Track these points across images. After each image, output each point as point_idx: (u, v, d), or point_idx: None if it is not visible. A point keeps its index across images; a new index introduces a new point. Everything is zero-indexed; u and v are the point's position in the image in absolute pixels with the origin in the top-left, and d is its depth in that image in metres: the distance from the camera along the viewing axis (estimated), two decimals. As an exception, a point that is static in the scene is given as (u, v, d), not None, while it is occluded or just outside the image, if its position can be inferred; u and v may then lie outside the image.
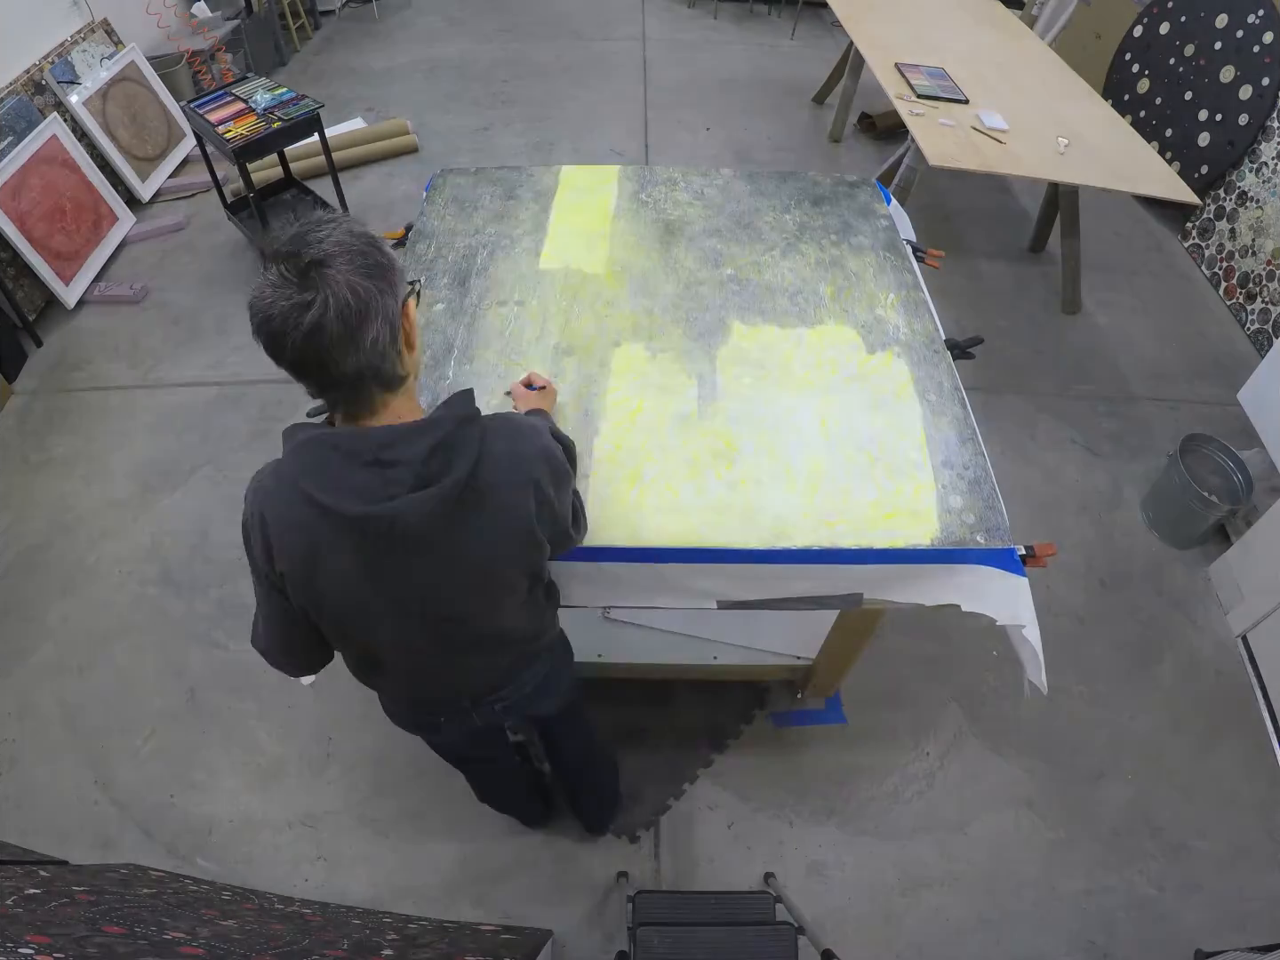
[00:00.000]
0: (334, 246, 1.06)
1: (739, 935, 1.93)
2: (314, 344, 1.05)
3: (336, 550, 1.20)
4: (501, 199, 2.62)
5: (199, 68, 5.59)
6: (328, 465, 1.15)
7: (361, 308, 1.06)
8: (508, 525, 1.27)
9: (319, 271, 1.04)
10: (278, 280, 1.04)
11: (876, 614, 2.19)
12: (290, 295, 1.03)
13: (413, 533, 1.17)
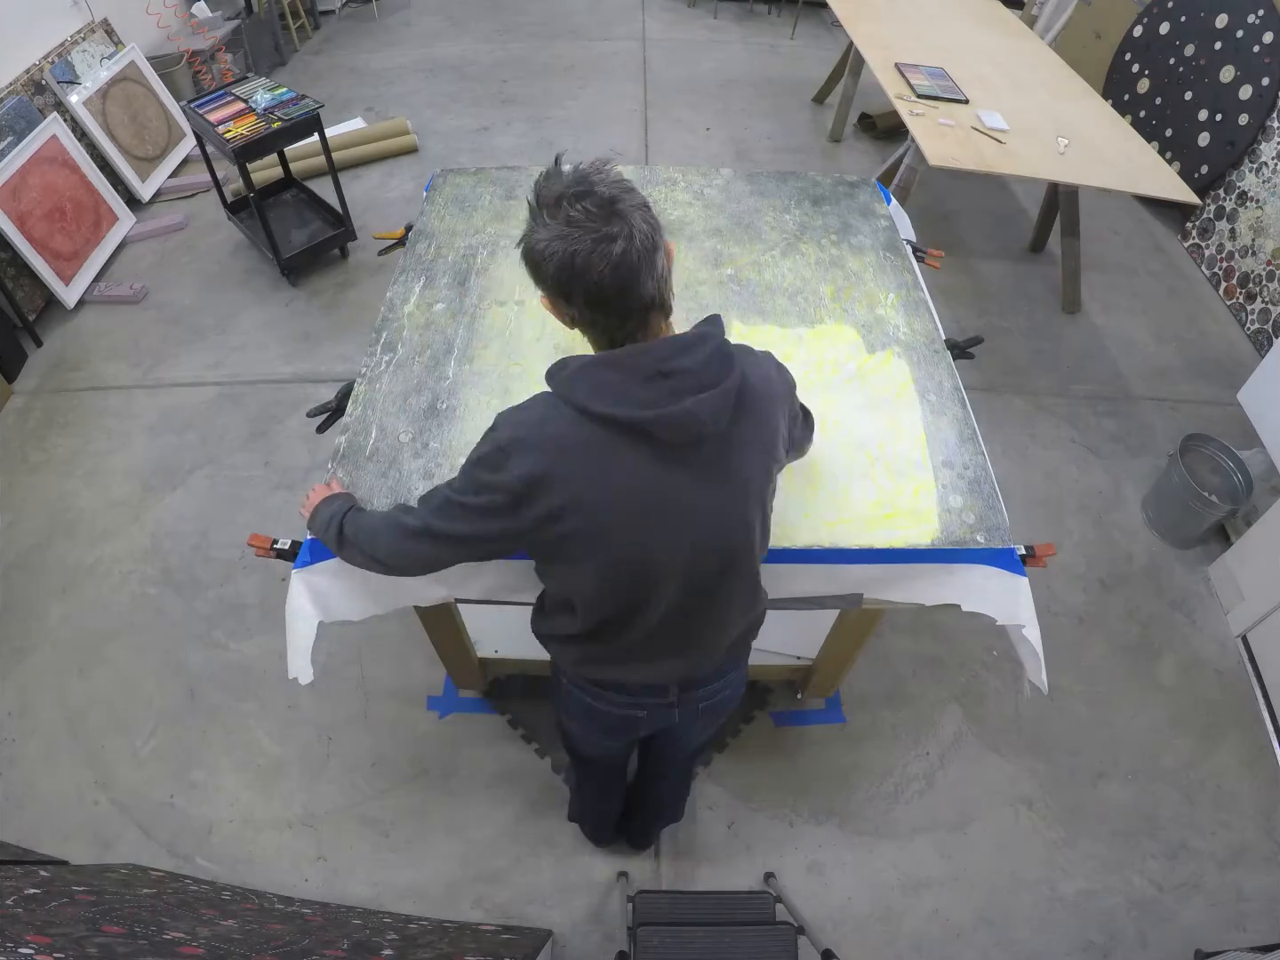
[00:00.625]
0: (615, 187, 1.13)
1: (739, 935, 1.93)
2: (618, 278, 1.13)
3: (627, 465, 1.22)
4: (501, 199, 2.62)
5: (199, 68, 5.59)
6: (613, 384, 1.19)
7: (655, 236, 1.16)
8: (766, 436, 1.33)
9: (620, 205, 1.12)
10: (581, 216, 1.10)
11: (876, 614, 2.19)
12: (597, 229, 1.10)
13: (703, 433, 1.21)
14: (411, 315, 2.19)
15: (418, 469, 1.82)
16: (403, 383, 2.01)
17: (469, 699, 2.81)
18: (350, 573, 1.73)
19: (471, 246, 2.42)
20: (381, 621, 1.91)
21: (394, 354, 2.08)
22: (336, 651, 2.87)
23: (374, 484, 1.80)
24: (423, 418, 1.93)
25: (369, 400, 1.98)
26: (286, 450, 3.57)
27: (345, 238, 4.46)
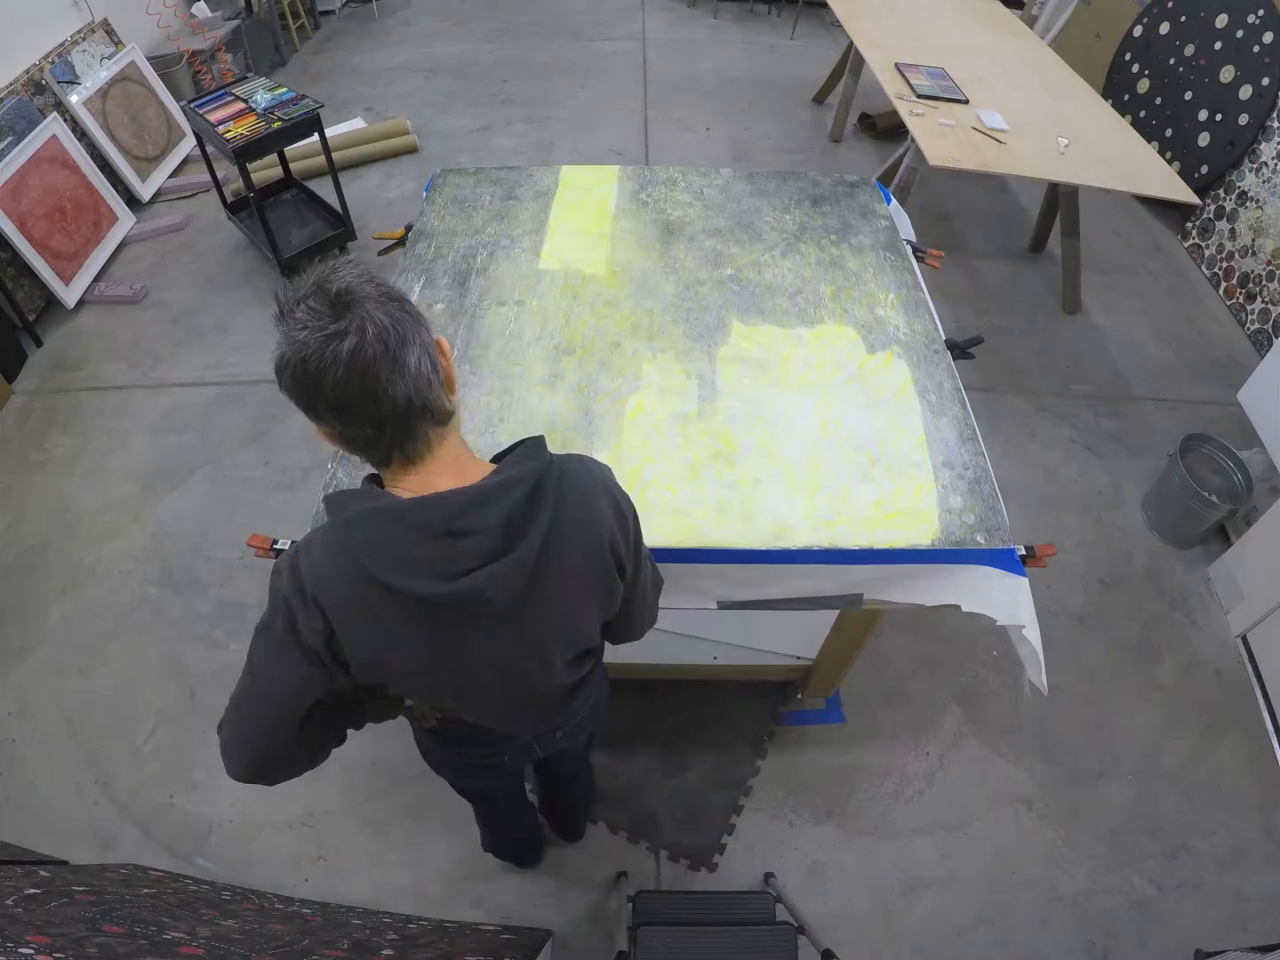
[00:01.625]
0: (354, 278, 0.99)
1: (739, 935, 1.93)
2: (357, 372, 0.96)
3: (409, 631, 1.12)
4: (501, 199, 2.62)
5: (199, 68, 5.59)
6: (393, 541, 1.05)
7: (400, 330, 0.99)
8: (583, 581, 1.20)
9: (349, 299, 0.97)
10: (307, 317, 0.96)
11: (876, 614, 2.19)
12: (324, 327, 0.95)
13: (492, 608, 1.11)
14: (411, 315, 2.19)
15: (418, 469, 1.82)
16: (403, 383, 2.01)
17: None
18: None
19: (471, 247, 2.42)
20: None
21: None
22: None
23: (374, 484, 1.80)
24: (423, 418, 1.92)
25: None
26: (286, 450, 3.57)
27: (345, 238, 4.46)
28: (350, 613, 1.08)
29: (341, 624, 1.08)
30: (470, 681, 1.26)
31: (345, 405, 0.99)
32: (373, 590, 1.06)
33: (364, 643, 1.11)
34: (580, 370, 2.05)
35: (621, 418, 1.94)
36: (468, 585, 1.05)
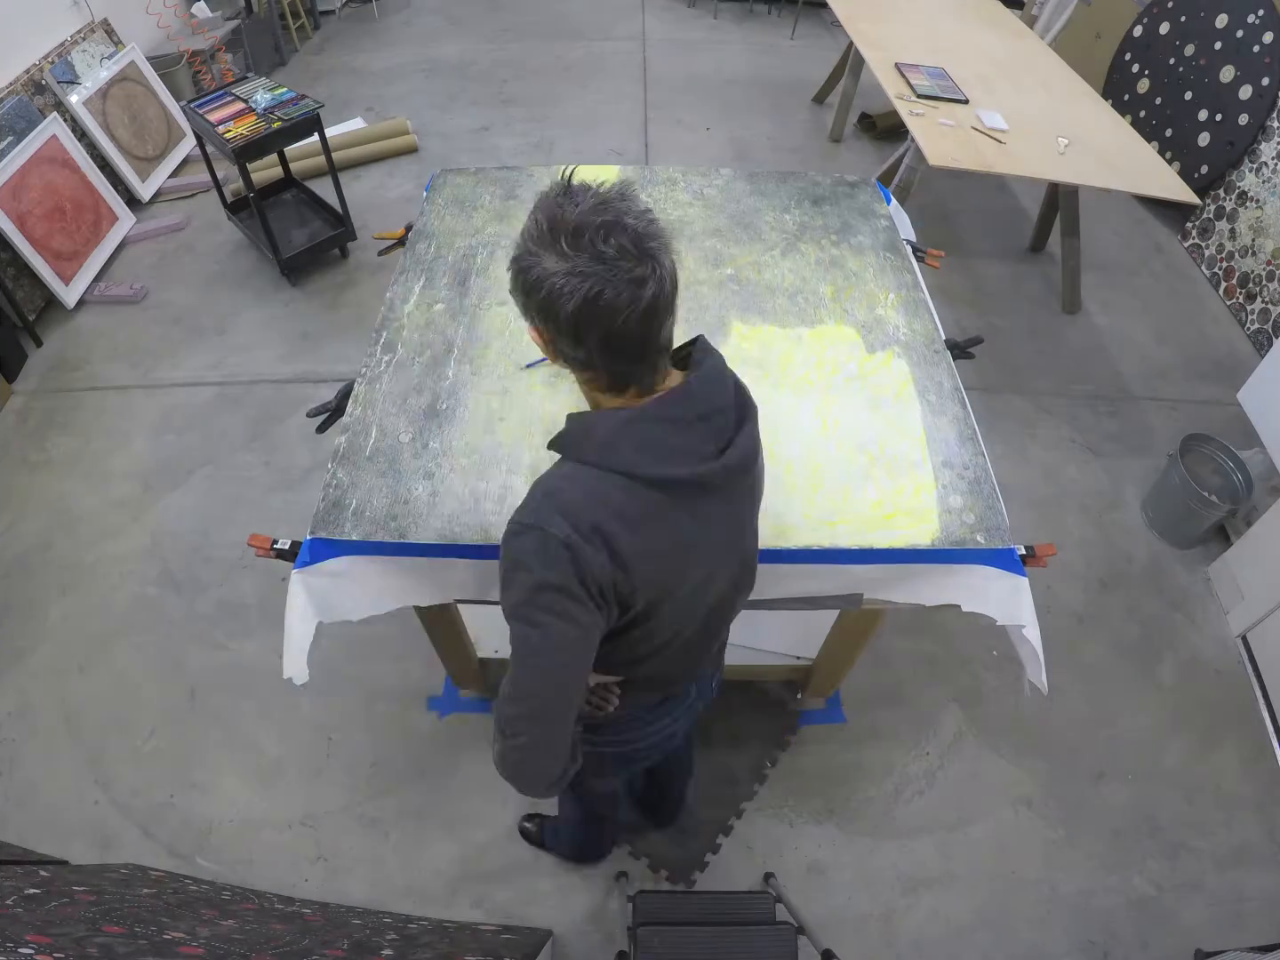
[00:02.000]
0: (644, 220, 1.03)
1: (739, 935, 1.93)
2: (644, 323, 1.02)
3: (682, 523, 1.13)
4: (502, 199, 2.62)
5: (199, 68, 5.59)
6: (653, 442, 1.09)
7: (676, 279, 1.07)
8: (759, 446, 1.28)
9: (647, 245, 1.01)
10: (615, 254, 0.97)
11: (876, 614, 2.19)
12: (630, 269, 0.98)
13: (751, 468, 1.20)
14: (411, 315, 2.19)
15: (418, 469, 1.82)
16: (403, 383, 2.01)
17: (469, 699, 2.81)
18: (349, 573, 1.73)
19: (471, 247, 2.42)
20: (381, 621, 1.91)
21: (394, 354, 2.08)
22: (336, 652, 2.87)
23: (374, 484, 1.80)
24: (423, 418, 1.93)
25: (369, 400, 1.98)
26: (286, 450, 3.57)
27: (345, 238, 4.46)
28: (633, 528, 1.07)
29: (626, 541, 1.07)
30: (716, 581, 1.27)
31: (624, 345, 1.04)
32: (651, 495, 1.08)
33: (648, 555, 1.10)
34: (580, 370, 2.05)
35: (621, 418, 1.94)
36: (734, 457, 1.13)
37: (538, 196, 1.04)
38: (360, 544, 1.71)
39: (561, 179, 1.04)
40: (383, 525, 1.73)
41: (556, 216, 0.99)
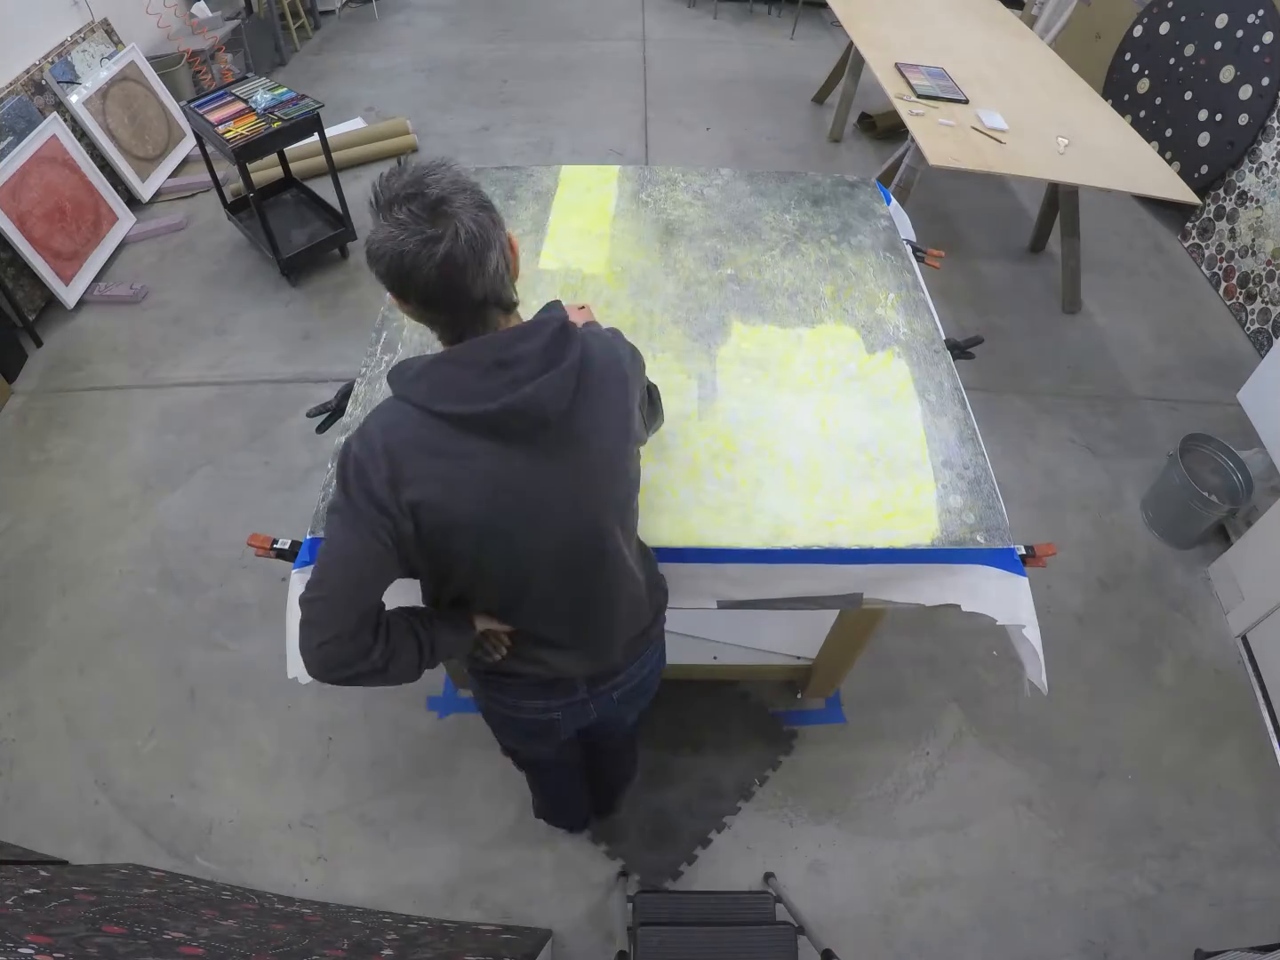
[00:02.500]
0: (451, 184, 1.13)
1: (739, 935, 1.93)
2: (445, 274, 1.12)
3: (478, 462, 1.22)
4: (501, 199, 2.62)
5: (199, 67, 5.59)
6: (452, 380, 1.20)
7: (484, 238, 1.14)
8: (619, 415, 1.35)
9: (446, 206, 1.11)
10: (407, 218, 1.10)
11: (876, 614, 2.19)
12: (421, 230, 1.09)
13: (548, 416, 1.22)
14: (411, 315, 2.19)
15: (418, 469, 1.82)
16: (403, 383, 2.01)
17: (469, 699, 2.81)
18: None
19: (471, 246, 2.42)
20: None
21: (394, 354, 2.09)
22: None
23: (374, 484, 1.80)
24: (423, 418, 1.93)
25: (369, 400, 1.98)
26: (286, 450, 3.57)
27: (345, 237, 4.46)
28: (419, 454, 1.20)
29: (411, 464, 1.20)
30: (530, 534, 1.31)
31: (433, 297, 1.16)
32: (441, 427, 1.20)
33: (431, 478, 1.20)
34: (580, 370, 2.05)
35: (621, 418, 1.94)
36: (525, 395, 1.18)
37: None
38: (360, 544, 1.71)
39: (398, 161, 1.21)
40: (383, 525, 1.72)
41: (378, 193, 1.14)
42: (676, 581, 1.80)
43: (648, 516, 1.76)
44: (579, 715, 1.68)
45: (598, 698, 1.65)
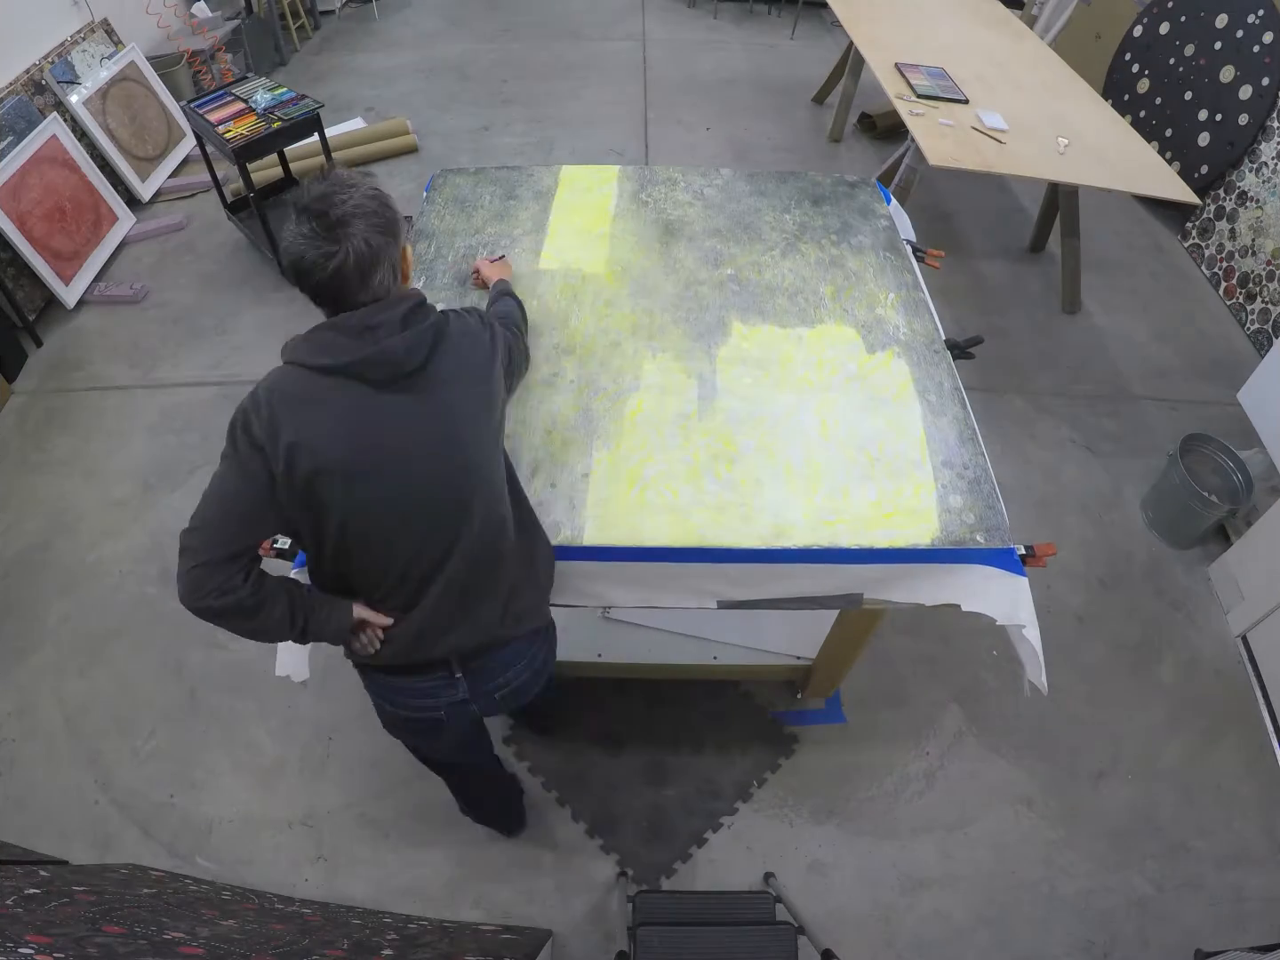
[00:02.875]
0: (354, 208, 1.31)
1: (739, 935, 1.93)
2: (334, 283, 1.32)
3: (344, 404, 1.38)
4: (501, 199, 2.62)
5: (199, 68, 5.59)
6: (327, 343, 1.37)
7: (373, 257, 1.33)
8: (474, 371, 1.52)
9: (342, 229, 1.29)
10: (309, 233, 1.29)
11: (876, 614, 2.19)
12: (319, 246, 1.28)
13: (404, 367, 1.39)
14: (411, 315, 2.19)
15: (418, 469, 1.82)
16: (403, 383, 2.01)
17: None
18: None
19: (471, 247, 2.43)
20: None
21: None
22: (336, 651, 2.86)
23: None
24: (423, 418, 1.93)
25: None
26: (286, 450, 3.56)
27: (345, 237, 4.45)
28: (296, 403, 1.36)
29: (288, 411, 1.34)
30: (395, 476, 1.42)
31: (322, 296, 1.37)
32: (316, 379, 1.36)
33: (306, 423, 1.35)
34: (580, 370, 2.05)
35: (621, 417, 1.94)
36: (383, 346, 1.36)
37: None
38: (360, 544, 1.71)
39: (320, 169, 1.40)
40: (383, 525, 1.72)
41: (297, 195, 1.33)
42: (676, 581, 1.80)
43: (649, 516, 1.76)
44: (462, 713, 1.72)
45: (477, 694, 1.69)
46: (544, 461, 1.86)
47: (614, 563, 1.75)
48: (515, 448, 1.86)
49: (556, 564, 1.73)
